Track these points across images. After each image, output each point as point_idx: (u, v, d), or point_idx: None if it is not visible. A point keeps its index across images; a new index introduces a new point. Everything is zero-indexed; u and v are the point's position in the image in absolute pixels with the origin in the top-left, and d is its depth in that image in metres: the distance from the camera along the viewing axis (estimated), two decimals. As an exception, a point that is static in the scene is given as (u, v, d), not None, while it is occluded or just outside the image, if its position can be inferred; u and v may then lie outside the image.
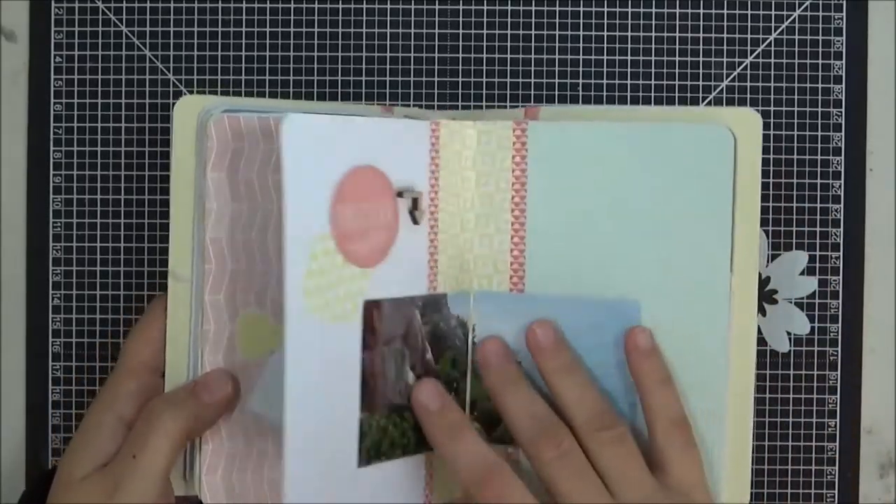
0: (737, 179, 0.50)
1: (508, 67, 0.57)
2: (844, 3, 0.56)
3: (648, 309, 0.51)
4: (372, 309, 0.49)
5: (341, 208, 0.47)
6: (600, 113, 0.53)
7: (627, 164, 0.51)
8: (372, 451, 0.49)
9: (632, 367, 0.49)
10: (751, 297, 0.51)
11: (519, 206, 0.52)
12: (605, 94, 0.57)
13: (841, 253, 0.56)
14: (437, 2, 0.57)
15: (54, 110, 0.56)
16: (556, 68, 0.56)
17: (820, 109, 0.56)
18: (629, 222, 0.51)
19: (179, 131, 0.49)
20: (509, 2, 0.57)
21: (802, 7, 0.56)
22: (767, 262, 0.56)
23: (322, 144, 0.47)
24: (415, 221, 0.50)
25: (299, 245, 0.46)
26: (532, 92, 0.57)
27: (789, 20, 0.56)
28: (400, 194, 0.49)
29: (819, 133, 0.56)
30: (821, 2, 0.56)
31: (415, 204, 0.50)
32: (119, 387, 0.49)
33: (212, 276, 0.49)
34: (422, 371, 0.51)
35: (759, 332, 0.56)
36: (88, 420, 0.49)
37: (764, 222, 0.56)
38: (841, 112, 0.56)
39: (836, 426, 0.56)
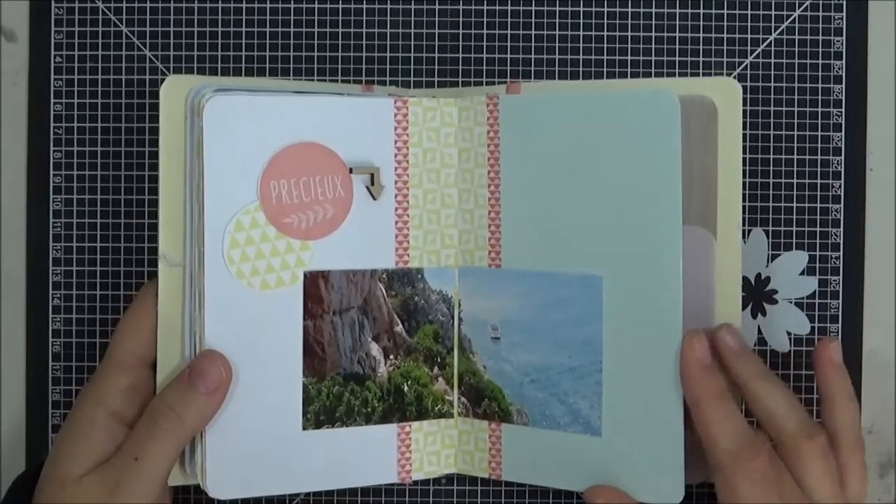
0: (719, 147, 0.51)
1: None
2: (844, 3, 0.56)
3: (609, 283, 0.50)
4: (317, 279, 0.51)
5: (274, 183, 0.50)
6: (580, 87, 0.54)
7: (586, 134, 0.50)
8: (322, 416, 0.51)
9: (823, 379, 0.50)
10: (735, 268, 0.51)
11: (494, 182, 0.52)
12: (605, 94, 0.57)
13: (841, 253, 0.56)
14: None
15: (54, 110, 0.56)
16: (556, 68, 0.56)
17: (820, 109, 0.56)
18: (589, 195, 0.51)
19: (167, 112, 0.50)
20: None
21: (802, 7, 0.56)
22: (767, 262, 0.56)
23: (250, 123, 0.49)
24: (372, 197, 0.51)
25: (219, 216, 0.49)
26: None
27: (789, 20, 0.56)
28: (351, 170, 0.51)
29: (819, 133, 0.56)
30: (821, 2, 0.56)
31: (371, 180, 0.51)
32: (109, 381, 0.49)
33: None
34: (390, 343, 0.52)
35: (759, 332, 0.56)
36: (79, 416, 0.49)
37: (764, 222, 0.56)
38: (841, 112, 0.56)
39: (836, 426, 0.56)
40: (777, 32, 0.56)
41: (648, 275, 0.49)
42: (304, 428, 0.51)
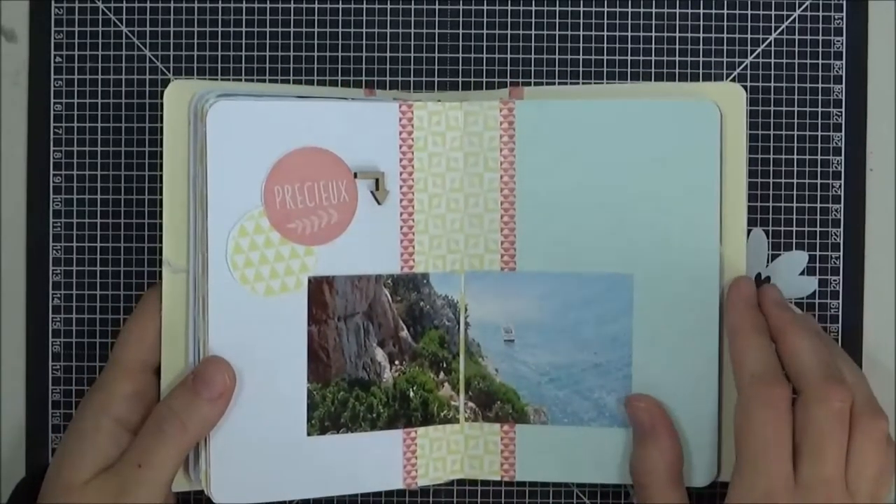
0: (723, 152, 0.51)
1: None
2: (844, 3, 0.56)
3: (641, 282, 0.51)
4: (321, 284, 0.50)
5: (278, 188, 0.50)
6: (585, 91, 0.54)
7: (616, 140, 0.52)
8: (327, 422, 0.51)
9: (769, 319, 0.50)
10: (740, 272, 0.52)
11: (508, 186, 0.52)
12: (605, 94, 0.57)
13: (841, 253, 0.56)
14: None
15: (54, 110, 0.56)
16: (556, 68, 0.56)
17: (820, 109, 0.56)
18: (619, 198, 0.52)
19: (171, 117, 0.50)
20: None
21: (802, 7, 0.56)
22: (767, 262, 0.56)
23: (254, 128, 0.49)
24: (377, 202, 0.50)
25: (222, 222, 0.49)
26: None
27: (789, 20, 0.56)
28: (356, 175, 0.51)
29: (819, 133, 0.56)
30: (821, 2, 0.56)
31: (376, 184, 0.51)
32: (114, 387, 0.49)
33: None
34: (395, 349, 0.52)
35: (759, 332, 0.56)
36: (83, 422, 0.49)
37: (764, 222, 0.56)
38: (841, 112, 0.56)
39: (835, 426, 0.56)
40: (777, 32, 0.56)
41: (685, 273, 0.51)
42: (309, 434, 0.51)
